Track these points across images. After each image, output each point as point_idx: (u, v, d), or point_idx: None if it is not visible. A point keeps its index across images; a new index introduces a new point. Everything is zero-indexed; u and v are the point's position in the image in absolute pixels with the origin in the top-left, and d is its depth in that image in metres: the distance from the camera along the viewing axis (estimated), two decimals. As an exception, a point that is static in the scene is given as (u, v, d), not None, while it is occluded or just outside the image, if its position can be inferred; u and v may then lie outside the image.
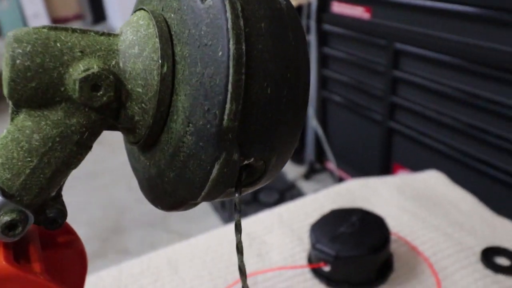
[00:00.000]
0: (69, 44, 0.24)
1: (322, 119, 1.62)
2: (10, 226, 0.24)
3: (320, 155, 1.68)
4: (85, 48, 0.25)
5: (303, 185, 1.66)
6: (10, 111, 0.25)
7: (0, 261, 0.23)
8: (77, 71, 0.24)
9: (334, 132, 1.60)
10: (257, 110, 0.23)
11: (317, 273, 0.58)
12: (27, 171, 0.25)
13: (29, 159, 0.25)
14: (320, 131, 1.59)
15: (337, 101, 1.52)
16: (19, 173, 0.25)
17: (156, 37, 0.25)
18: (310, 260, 0.60)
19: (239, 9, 0.22)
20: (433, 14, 1.10)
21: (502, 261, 0.57)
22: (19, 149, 0.24)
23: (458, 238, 0.61)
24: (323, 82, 1.56)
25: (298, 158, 1.73)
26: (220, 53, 0.22)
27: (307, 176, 1.71)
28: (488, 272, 0.55)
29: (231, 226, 0.70)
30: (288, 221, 0.69)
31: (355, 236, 0.56)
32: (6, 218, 0.24)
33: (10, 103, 0.25)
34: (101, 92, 0.24)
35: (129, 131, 0.27)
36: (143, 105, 0.25)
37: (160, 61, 0.24)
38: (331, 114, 1.59)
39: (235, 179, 0.24)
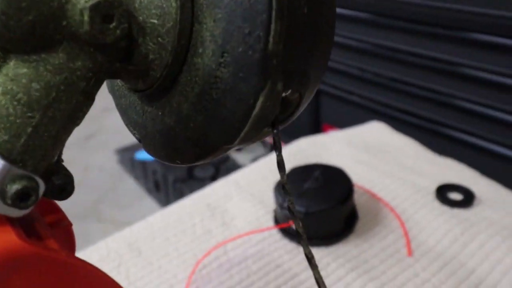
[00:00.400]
0: None
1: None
2: (22, 196, 0.20)
3: (249, 125, 1.68)
4: None
5: (237, 156, 1.66)
6: None
7: (12, 239, 0.19)
8: None
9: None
10: (297, 32, 0.20)
11: (287, 232, 0.57)
12: (29, 129, 0.20)
13: (30, 114, 0.20)
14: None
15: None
16: (19, 133, 0.20)
17: None
18: (277, 221, 0.59)
19: None
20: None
21: (455, 196, 0.61)
22: (15, 103, 0.20)
23: (412, 180, 0.64)
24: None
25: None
26: None
27: (238, 147, 1.70)
28: (445, 208, 0.59)
29: (188, 200, 0.67)
30: (246, 186, 0.67)
31: (321, 190, 0.57)
32: (16, 186, 0.20)
33: None
34: (114, 24, 0.20)
35: (139, 75, 0.23)
36: (159, 39, 0.21)
37: None
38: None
39: (276, 113, 0.22)
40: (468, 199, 0.59)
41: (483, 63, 0.88)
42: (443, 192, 0.61)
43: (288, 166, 0.68)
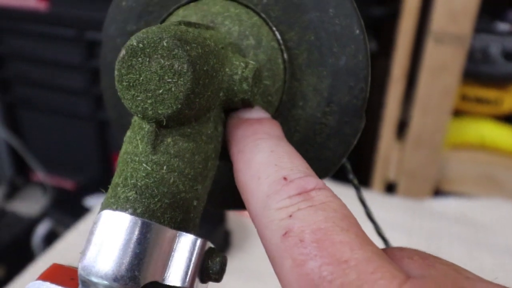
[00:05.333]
0: (213, 40, 0.21)
1: (14, 126, 1.42)
2: (223, 268, 0.20)
3: (22, 168, 1.48)
4: (218, 42, 0.21)
5: (13, 206, 1.43)
6: (146, 139, 0.20)
7: None
8: (239, 68, 0.21)
9: (35, 138, 1.43)
10: None
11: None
12: (195, 203, 0.20)
13: (196, 188, 0.20)
14: (14, 141, 1.39)
15: (31, 103, 1.36)
16: (188, 209, 0.20)
17: (266, 24, 0.24)
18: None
19: None
20: None
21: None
22: (183, 179, 0.20)
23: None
24: (4, 85, 1.36)
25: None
26: (357, 31, 0.23)
27: (11, 195, 1.48)
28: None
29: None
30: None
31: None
32: (219, 258, 0.20)
33: (148, 127, 0.19)
34: (257, 89, 0.22)
35: None
36: (269, 98, 0.23)
37: (283, 48, 0.23)
38: (25, 119, 1.41)
39: None
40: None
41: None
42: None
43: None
